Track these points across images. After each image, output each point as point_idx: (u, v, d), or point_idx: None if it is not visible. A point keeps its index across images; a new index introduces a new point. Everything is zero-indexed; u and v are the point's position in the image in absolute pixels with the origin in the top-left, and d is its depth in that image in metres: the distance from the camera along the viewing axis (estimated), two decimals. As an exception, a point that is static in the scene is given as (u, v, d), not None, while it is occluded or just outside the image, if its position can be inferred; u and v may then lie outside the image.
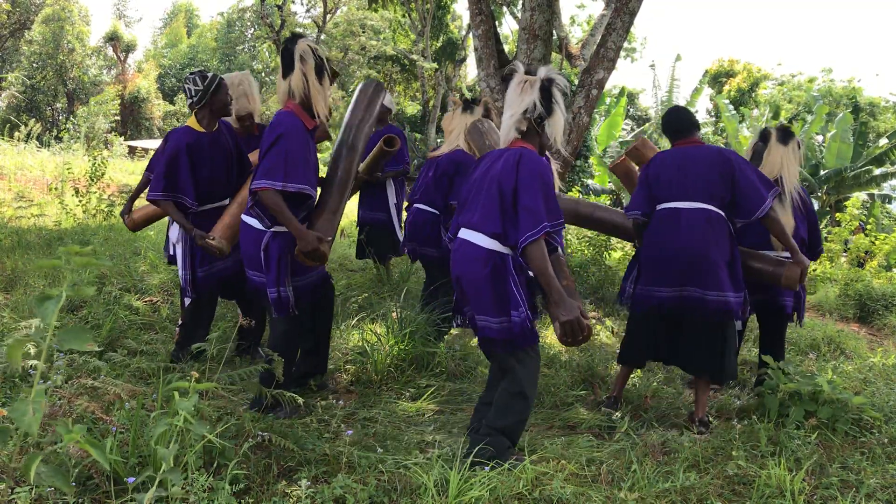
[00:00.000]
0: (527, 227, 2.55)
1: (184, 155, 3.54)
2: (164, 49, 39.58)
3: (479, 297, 2.66)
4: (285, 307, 3.06)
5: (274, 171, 2.91)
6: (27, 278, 4.92)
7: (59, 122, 26.74)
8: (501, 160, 2.71)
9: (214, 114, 3.63)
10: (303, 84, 3.07)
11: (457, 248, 2.77)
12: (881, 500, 2.51)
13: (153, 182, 3.58)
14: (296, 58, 3.06)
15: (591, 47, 11.27)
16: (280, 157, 2.93)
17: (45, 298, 1.68)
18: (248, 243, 3.12)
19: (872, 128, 24.54)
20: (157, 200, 3.56)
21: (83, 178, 8.23)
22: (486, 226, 2.65)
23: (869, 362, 4.66)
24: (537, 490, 2.37)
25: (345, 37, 26.96)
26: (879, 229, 14.04)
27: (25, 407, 1.58)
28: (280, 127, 2.98)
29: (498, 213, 2.63)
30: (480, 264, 2.64)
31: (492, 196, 2.66)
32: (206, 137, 3.62)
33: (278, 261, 3.04)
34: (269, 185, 2.90)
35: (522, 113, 2.73)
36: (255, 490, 2.24)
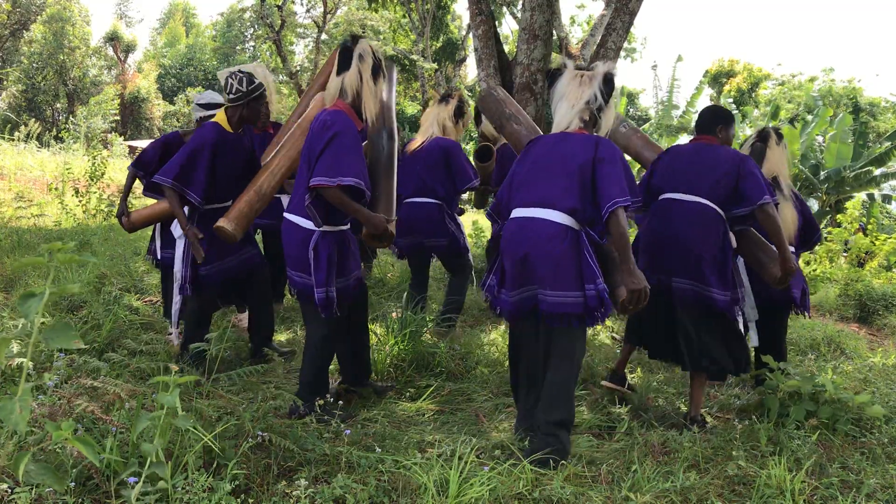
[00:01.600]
0: (612, 195, 2.68)
1: (207, 152, 3.51)
2: (163, 49, 39.56)
3: (556, 272, 2.73)
4: (331, 308, 3.02)
5: (332, 169, 2.89)
6: (27, 278, 4.92)
7: (59, 122, 26.73)
8: (572, 143, 2.84)
9: (244, 119, 3.63)
10: (357, 83, 3.06)
11: (521, 227, 2.82)
12: (881, 500, 2.51)
13: (167, 166, 3.51)
14: (355, 56, 3.05)
15: (591, 47, 11.27)
16: (337, 155, 2.92)
17: (28, 296, 1.68)
18: (295, 244, 3.06)
19: (873, 128, 24.52)
20: (161, 185, 3.49)
21: (83, 178, 8.23)
22: (562, 202, 2.76)
23: (869, 362, 4.66)
24: (537, 490, 2.37)
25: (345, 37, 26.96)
26: (879, 229, 14.03)
27: (13, 405, 1.58)
28: (335, 126, 2.95)
29: (574, 190, 2.75)
30: (558, 240, 2.73)
31: (568, 174, 2.78)
32: (231, 137, 3.61)
33: (328, 260, 3.01)
34: (328, 181, 2.87)
35: (586, 103, 2.90)
36: (255, 490, 2.24)
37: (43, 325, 1.77)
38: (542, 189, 2.82)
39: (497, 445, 2.83)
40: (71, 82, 29.14)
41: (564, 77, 2.98)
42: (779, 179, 3.88)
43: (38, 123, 17.02)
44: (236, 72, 3.57)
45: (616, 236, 2.73)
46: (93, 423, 2.39)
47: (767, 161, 3.91)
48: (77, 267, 5.08)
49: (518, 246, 2.81)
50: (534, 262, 2.76)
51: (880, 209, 15.93)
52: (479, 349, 4.29)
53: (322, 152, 2.92)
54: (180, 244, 3.69)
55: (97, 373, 3.02)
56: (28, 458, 1.62)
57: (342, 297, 3.10)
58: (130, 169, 4.11)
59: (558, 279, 2.73)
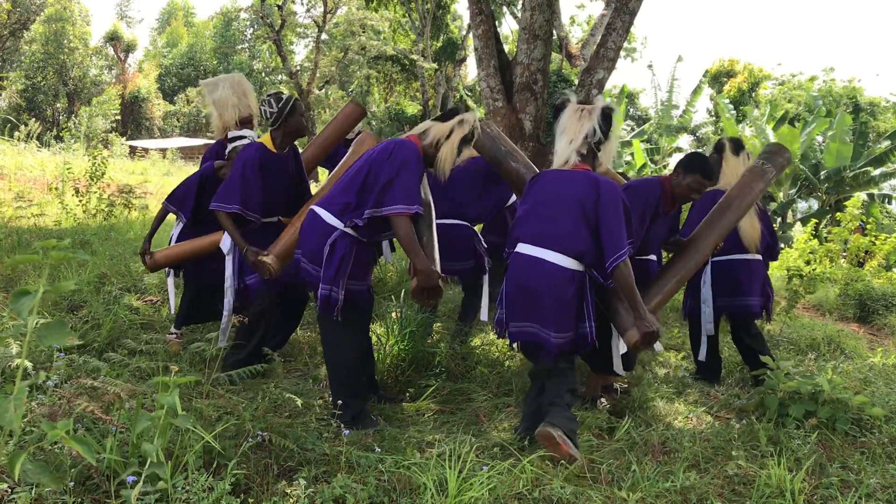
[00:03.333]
0: (616, 248, 2.79)
1: (256, 169, 3.55)
2: (164, 49, 39.56)
3: (561, 314, 2.84)
4: (332, 308, 3.01)
5: (408, 197, 2.92)
6: (27, 278, 4.92)
7: (59, 122, 26.73)
8: (575, 182, 2.91)
9: (288, 136, 3.66)
10: (443, 138, 3.11)
11: (530, 266, 2.90)
12: (881, 499, 2.51)
13: (221, 192, 3.54)
14: (457, 117, 3.13)
15: (591, 47, 11.28)
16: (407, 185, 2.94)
17: (21, 294, 1.67)
18: (314, 234, 3.07)
19: (873, 128, 24.51)
20: (220, 211, 3.52)
21: (83, 178, 8.23)
22: (570, 246, 2.85)
23: (869, 362, 4.66)
24: (537, 490, 2.37)
25: (345, 37, 26.96)
26: (879, 229, 14.03)
27: (6, 404, 1.57)
28: (403, 154, 2.99)
29: (581, 233, 2.84)
30: (565, 284, 2.83)
31: (573, 216, 2.86)
32: (277, 157, 3.65)
33: (341, 259, 3.01)
34: (405, 209, 2.89)
35: (584, 137, 2.97)
36: (255, 490, 2.24)
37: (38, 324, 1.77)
38: (548, 228, 2.89)
39: (497, 445, 2.84)
40: (71, 82, 29.15)
41: (566, 111, 3.08)
42: None
43: (39, 123, 17.00)
44: (264, 98, 3.64)
45: (622, 286, 2.85)
46: (93, 423, 2.39)
47: (723, 174, 3.99)
48: (77, 266, 5.09)
49: (526, 281, 2.90)
50: (542, 302, 2.85)
51: (880, 209, 15.93)
52: (479, 349, 4.29)
53: (394, 179, 2.93)
54: (230, 259, 3.70)
55: (97, 372, 3.02)
56: (25, 458, 1.62)
57: (352, 300, 3.08)
58: (165, 205, 4.10)
59: (561, 320, 2.84)
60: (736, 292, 4.06)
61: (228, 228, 3.54)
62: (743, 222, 3.93)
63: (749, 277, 4.07)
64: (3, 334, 1.78)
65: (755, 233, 4.00)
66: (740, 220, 3.60)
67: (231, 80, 4.27)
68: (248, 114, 4.28)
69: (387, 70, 26.87)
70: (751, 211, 3.92)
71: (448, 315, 4.85)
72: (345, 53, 27.73)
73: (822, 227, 14.96)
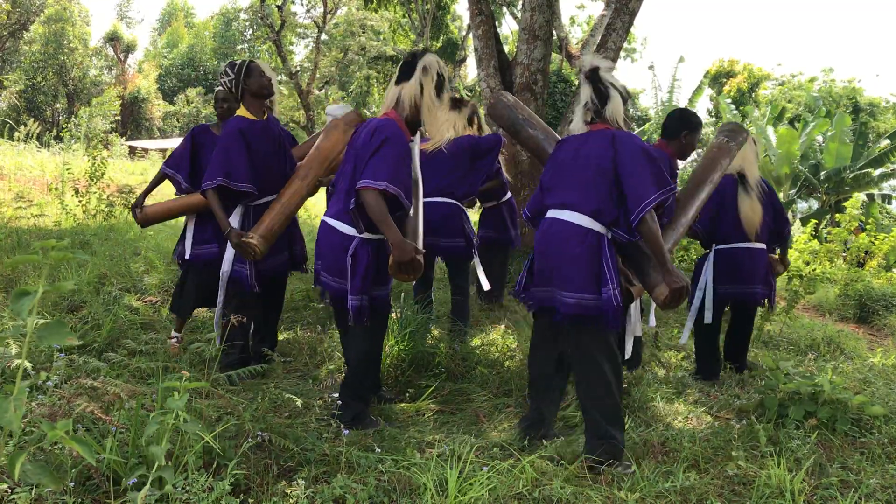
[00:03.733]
0: (639, 199, 2.69)
1: (238, 139, 3.48)
2: (164, 49, 39.56)
3: (573, 273, 2.76)
4: (364, 316, 2.98)
5: (378, 173, 2.84)
6: (27, 278, 4.92)
7: (59, 123, 26.75)
8: (591, 142, 2.86)
9: (256, 96, 3.61)
10: (416, 95, 3.02)
11: (547, 227, 2.88)
12: (881, 500, 2.51)
13: (207, 172, 3.48)
14: (418, 68, 3.02)
15: (591, 47, 11.27)
16: (385, 161, 2.86)
17: (21, 294, 1.67)
18: (333, 248, 3.02)
19: (873, 128, 24.52)
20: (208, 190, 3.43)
21: (83, 179, 8.23)
22: (584, 205, 2.79)
23: (869, 362, 4.66)
24: (537, 490, 2.37)
25: (345, 37, 26.97)
26: (879, 229, 14.03)
27: (7, 404, 1.57)
28: (384, 131, 2.92)
29: (596, 191, 2.77)
30: (576, 241, 2.76)
31: (588, 175, 2.80)
32: (258, 124, 3.60)
33: (366, 268, 2.97)
34: (374, 184, 2.82)
35: (583, 106, 2.93)
36: (255, 490, 2.24)
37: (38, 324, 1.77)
38: (566, 192, 2.87)
39: (497, 445, 2.83)
40: (71, 83, 29.15)
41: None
42: (744, 175, 4.14)
43: (38, 124, 17.00)
44: (220, 71, 3.64)
45: (649, 240, 2.73)
46: (93, 423, 2.39)
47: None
48: (77, 267, 5.09)
49: (542, 244, 2.90)
50: (554, 260, 2.82)
51: (880, 209, 15.93)
52: (479, 349, 4.29)
53: (371, 157, 2.88)
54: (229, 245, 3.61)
55: (97, 373, 3.02)
56: (24, 458, 1.62)
57: (379, 306, 3.06)
58: (163, 169, 4.04)
59: (575, 280, 2.76)
60: (739, 280, 4.13)
61: (214, 207, 3.44)
62: (744, 206, 4.05)
63: (752, 265, 4.14)
64: (2, 335, 1.77)
65: (756, 217, 4.07)
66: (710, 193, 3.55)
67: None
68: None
69: (387, 70, 26.87)
70: (753, 195, 4.07)
71: (448, 315, 4.85)
72: (345, 54, 27.73)
73: (822, 227, 14.95)
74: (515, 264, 6.09)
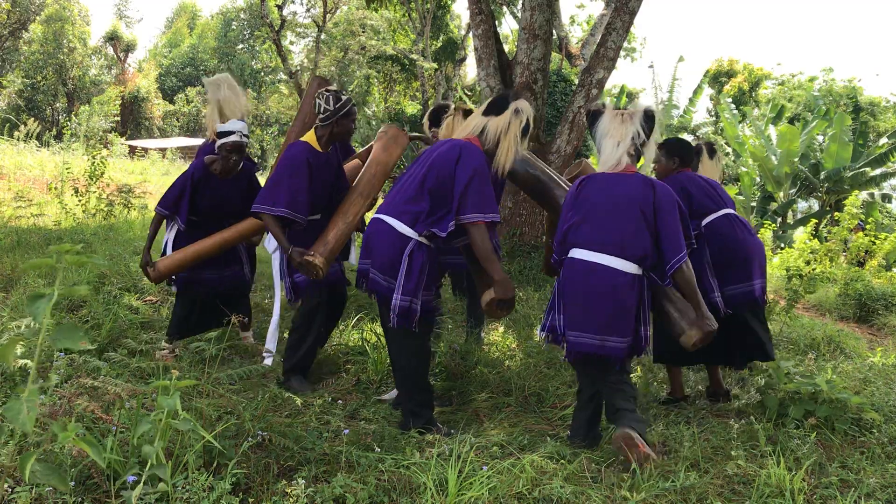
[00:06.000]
0: (676, 250, 2.80)
1: (304, 169, 3.44)
2: (164, 49, 39.54)
3: (621, 320, 2.78)
4: (411, 320, 2.97)
5: (482, 206, 2.91)
6: (27, 278, 4.92)
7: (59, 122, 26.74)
8: (630, 185, 2.88)
9: (334, 136, 3.57)
10: (502, 132, 3.06)
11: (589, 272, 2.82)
12: (881, 499, 2.51)
13: (265, 194, 3.43)
14: (511, 108, 3.08)
15: (591, 47, 11.27)
16: (483, 192, 2.93)
17: (36, 297, 1.68)
18: (387, 245, 3.00)
19: (873, 128, 24.52)
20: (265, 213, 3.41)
21: (82, 178, 8.23)
22: (631, 250, 2.80)
23: (869, 362, 4.66)
24: (537, 490, 2.37)
25: (345, 37, 26.95)
26: (879, 229, 14.05)
27: (20, 406, 1.58)
28: (472, 160, 2.96)
29: (641, 236, 2.81)
30: (626, 289, 2.78)
31: (635, 220, 2.82)
32: (322, 156, 3.56)
33: (420, 270, 2.96)
34: (482, 217, 2.89)
35: (630, 139, 2.94)
36: (255, 489, 2.24)
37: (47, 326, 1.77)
38: (606, 232, 2.83)
39: (497, 445, 2.83)
40: (70, 82, 29.14)
41: (605, 116, 3.03)
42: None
43: (38, 123, 17.00)
44: (324, 91, 3.52)
45: (685, 287, 2.87)
46: (93, 423, 2.39)
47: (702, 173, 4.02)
48: (77, 266, 5.08)
49: (587, 290, 2.82)
50: (603, 309, 2.79)
51: (880, 209, 15.93)
52: (479, 349, 4.29)
53: (468, 187, 2.91)
54: (276, 258, 3.64)
55: (97, 372, 3.02)
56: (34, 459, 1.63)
57: (426, 309, 3.05)
58: (158, 210, 3.93)
59: (622, 327, 2.79)
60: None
61: (274, 231, 3.40)
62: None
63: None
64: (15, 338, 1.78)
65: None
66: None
67: (228, 80, 4.28)
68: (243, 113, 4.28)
69: (387, 70, 26.85)
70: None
71: (448, 314, 4.85)
72: (345, 53, 27.72)
73: (822, 227, 14.96)
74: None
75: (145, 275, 3.90)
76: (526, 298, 5.61)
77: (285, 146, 3.87)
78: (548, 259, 3.45)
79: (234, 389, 3.23)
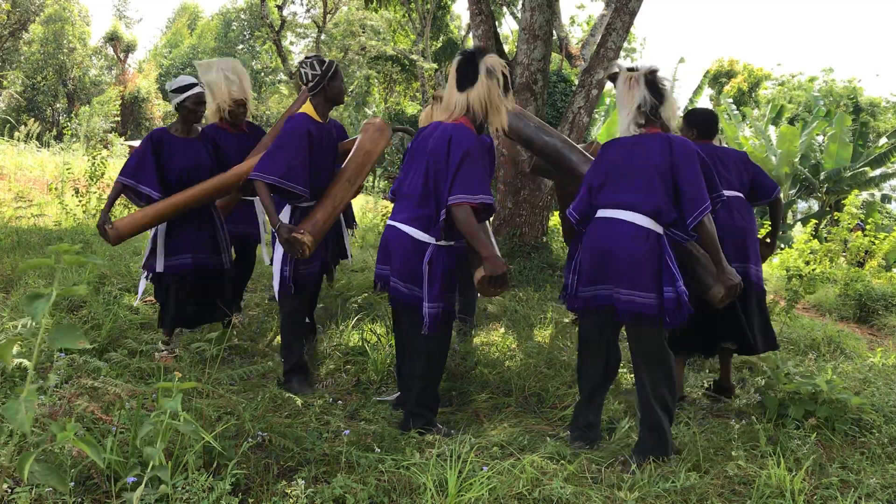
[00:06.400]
0: (696, 204, 2.76)
1: (304, 139, 3.34)
2: (164, 49, 39.55)
3: (634, 272, 2.76)
4: (441, 324, 2.97)
5: (472, 187, 2.86)
6: (27, 278, 4.92)
7: (59, 123, 26.75)
8: (647, 144, 2.87)
9: (329, 101, 3.50)
10: (486, 99, 2.99)
11: (604, 227, 2.86)
12: (881, 499, 2.51)
13: (263, 162, 3.29)
14: (482, 70, 2.98)
15: (591, 47, 11.27)
16: (471, 173, 2.88)
17: (34, 297, 1.68)
18: (408, 254, 2.98)
19: (873, 128, 24.53)
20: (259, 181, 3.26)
21: (83, 178, 8.23)
22: (645, 205, 2.80)
23: (869, 362, 4.66)
24: (537, 490, 2.37)
25: (345, 37, 26.96)
26: (879, 229, 14.05)
27: (18, 406, 1.58)
28: (463, 143, 2.91)
29: (655, 192, 2.80)
30: (639, 240, 2.77)
31: (647, 176, 2.82)
32: (323, 128, 3.49)
33: (442, 275, 2.95)
34: (469, 199, 2.84)
35: (637, 108, 2.91)
36: (255, 490, 2.24)
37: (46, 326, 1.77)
38: (623, 191, 2.86)
39: (497, 445, 2.83)
40: (71, 82, 29.14)
41: (619, 81, 3.00)
42: None
43: (38, 123, 17.00)
44: (304, 60, 3.46)
45: (706, 241, 2.84)
46: (93, 423, 2.39)
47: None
48: (77, 267, 5.09)
49: (599, 244, 2.86)
50: (613, 260, 2.81)
51: (879, 209, 15.93)
52: (479, 349, 4.29)
53: (458, 170, 2.88)
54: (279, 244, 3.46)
55: (97, 373, 3.02)
56: (32, 459, 1.63)
57: (451, 312, 3.04)
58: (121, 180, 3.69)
59: (636, 279, 2.76)
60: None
61: (265, 201, 3.28)
62: None
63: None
64: (13, 338, 1.78)
65: None
66: None
67: (225, 63, 4.26)
68: (242, 96, 4.24)
69: (387, 70, 26.86)
70: None
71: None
72: (345, 53, 27.72)
73: (821, 227, 14.96)
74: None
75: (102, 235, 3.69)
76: (526, 298, 5.61)
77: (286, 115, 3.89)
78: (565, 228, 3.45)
79: (234, 390, 3.23)
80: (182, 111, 3.77)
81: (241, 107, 4.28)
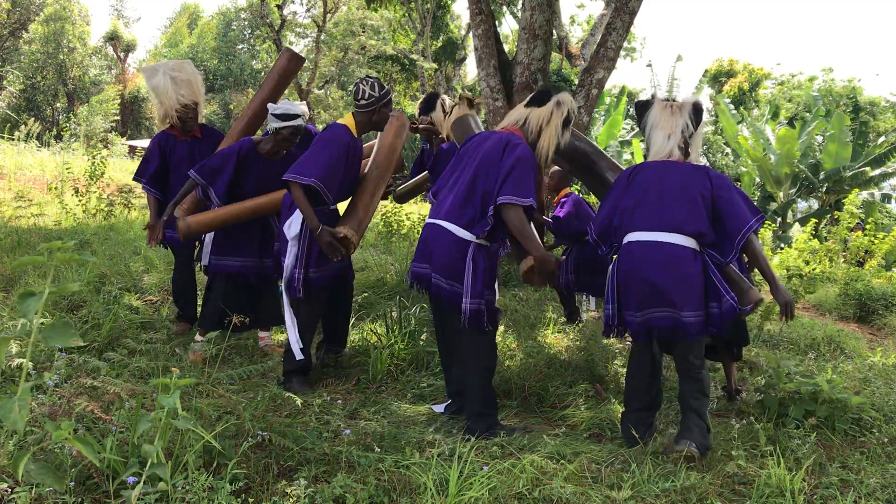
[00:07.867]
0: (742, 224, 2.87)
1: (343, 150, 3.45)
2: (164, 49, 39.53)
3: (688, 293, 2.82)
4: (482, 321, 3.01)
5: (522, 189, 2.96)
6: (27, 278, 4.92)
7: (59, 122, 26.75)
8: (683, 171, 2.98)
9: (371, 124, 3.59)
10: (544, 123, 3.14)
11: (648, 251, 2.89)
12: (881, 499, 2.51)
13: (301, 164, 3.35)
14: (552, 100, 3.15)
15: (591, 47, 11.27)
16: (523, 178, 2.97)
17: (27, 295, 1.68)
18: (450, 251, 3.02)
19: (872, 127, 24.52)
20: (297, 183, 3.32)
21: (83, 178, 8.23)
22: (689, 226, 2.87)
23: (869, 362, 4.66)
24: (537, 490, 2.37)
25: (345, 36, 26.96)
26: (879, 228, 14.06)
27: (11, 405, 1.58)
28: (516, 150, 3.02)
29: (698, 215, 2.88)
30: (688, 260, 2.85)
31: (689, 199, 2.90)
32: (357, 144, 3.60)
33: (484, 271, 3.01)
34: (520, 200, 2.94)
35: (681, 132, 3.04)
36: (255, 489, 2.24)
37: (42, 325, 1.77)
38: (663, 213, 2.91)
39: (497, 445, 2.83)
40: (70, 82, 29.14)
41: (655, 108, 3.12)
42: None
43: (38, 123, 17.00)
44: (366, 77, 3.54)
45: (757, 261, 2.96)
46: (93, 423, 2.39)
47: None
48: (77, 266, 5.08)
49: (647, 269, 2.88)
50: (667, 283, 2.83)
51: (879, 209, 15.93)
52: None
53: (510, 173, 2.97)
54: (295, 246, 3.47)
55: (97, 372, 3.02)
56: (28, 458, 1.62)
57: (493, 309, 3.09)
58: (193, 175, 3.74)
59: (690, 299, 2.82)
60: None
61: (302, 204, 3.32)
62: None
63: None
64: (6, 335, 1.78)
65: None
66: None
67: (172, 65, 4.20)
68: (191, 100, 4.17)
69: (387, 70, 26.86)
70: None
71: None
72: (345, 53, 27.73)
73: (821, 227, 14.96)
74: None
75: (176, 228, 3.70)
76: (526, 298, 5.61)
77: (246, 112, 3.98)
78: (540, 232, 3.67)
79: (234, 389, 3.23)
80: (276, 135, 3.80)
81: (191, 111, 4.19)
